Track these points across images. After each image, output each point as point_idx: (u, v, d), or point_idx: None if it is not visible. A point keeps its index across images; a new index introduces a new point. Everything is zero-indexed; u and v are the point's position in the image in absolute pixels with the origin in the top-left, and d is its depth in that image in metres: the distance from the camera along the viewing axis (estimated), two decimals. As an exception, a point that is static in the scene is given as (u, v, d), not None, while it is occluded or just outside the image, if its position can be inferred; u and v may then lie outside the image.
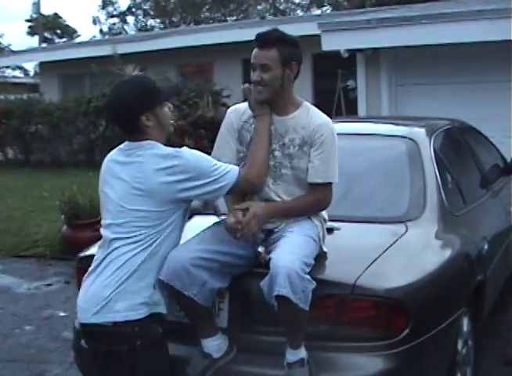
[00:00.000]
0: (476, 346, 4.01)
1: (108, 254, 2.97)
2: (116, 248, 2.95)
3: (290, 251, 2.93)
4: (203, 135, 8.92)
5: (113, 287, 2.89)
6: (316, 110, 3.29)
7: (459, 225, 3.95)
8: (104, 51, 14.98)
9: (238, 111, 3.38)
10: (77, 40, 42.24)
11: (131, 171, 2.95)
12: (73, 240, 7.79)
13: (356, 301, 3.01)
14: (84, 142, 17.18)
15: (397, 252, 3.31)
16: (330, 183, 3.23)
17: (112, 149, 3.14)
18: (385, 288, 3.00)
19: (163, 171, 2.90)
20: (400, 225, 3.59)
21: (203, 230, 3.23)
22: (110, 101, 3.08)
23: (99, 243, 3.14)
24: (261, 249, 3.11)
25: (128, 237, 2.93)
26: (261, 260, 3.06)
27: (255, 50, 3.14)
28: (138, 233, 2.92)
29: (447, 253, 3.60)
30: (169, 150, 2.95)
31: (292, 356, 2.98)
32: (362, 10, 17.37)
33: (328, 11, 33.95)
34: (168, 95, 3.20)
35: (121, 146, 3.09)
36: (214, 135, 3.38)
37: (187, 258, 2.95)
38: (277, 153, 3.21)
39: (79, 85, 18.73)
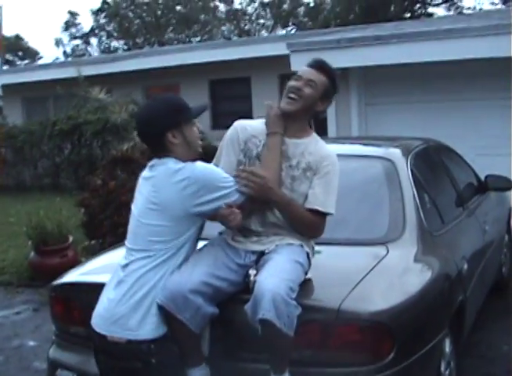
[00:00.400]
0: (458, 367, 4.01)
1: (124, 266, 3.02)
2: (131, 262, 3.00)
3: (276, 274, 2.90)
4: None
5: (126, 303, 2.93)
6: (323, 142, 3.39)
7: (438, 245, 3.96)
8: (69, 73, 14.84)
9: (245, 125, 3.41)
10: (40, 62, 41.94)
11: (148, 186, 3.03)
12: (41, 267, 7.70)
13: (341, 326, 2.99)
14: (49, 166, 17.01)
15: (379, 275, 3.30)
16: (326, 215, 3.25)
17: (76, 171, 3.24)
18: (370, 312, 2.98)
19: (175, 184, 2.94)
20: (381, 247, 3.59)
21: (199, 251, 3.19)
22: (139, 117, 3.20)
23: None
24: (252, 272, 3.09)
25: (143, 250, 2.97)
26: (250, 284, 3.03)
27: (307, 68, 3.31)
28: (153, 247, 2.95)
29: (429, 275, 3.60)
30: (182, 164, 2.98)
31: None
32: (329, 30, 17.54)
33: (293, 31, 34.23)
34: (197, 113, 3.20)
35: (150, 163, 3.14)
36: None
37: (186, 283, 2.92)
38: (282, 173, 3.22)
39: (43, 108, 18.57)
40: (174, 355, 2.99)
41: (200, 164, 3.02)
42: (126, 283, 2.96)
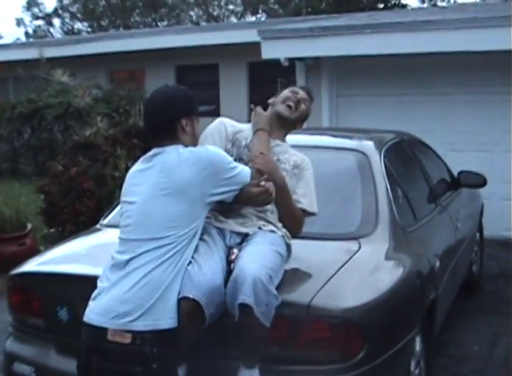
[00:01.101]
0: (427, 366, 4.02)
1: (129, 260, 2.90)
2: (140, 254, 2.89)
3: (258, 261, 2.89)
4: (136, 145, 8.77)
5: (133, 300, 2.82)
6: None
7: (411, 241, 3.95)
8: (30, 54, 14.59)
9: (231, 122, 3.63)
10: (0, 42, 41.34)
11: (153, 175, 2.99)
12: (-1, 255, 7.55)
13: (311, 322, 2.96)
14: (8, 151, 16.76)
15: (351, 270, 3.28)
16: (309, 214, 3.42)
17: (36, 157, 3.12)
18: (342, 308, 2.96)
19: (191, 167, 2.94)
20: (353, 242, 3.57)
21: (204, 242, 3.07)
22: (154, 101, 3.17)
23: (114, 256, 3.01)
24: (235, 250, 3.07)
25: (156, 239, 2.89)
26: (232, 264, 3.00)
27: (300, 89, 3.71)
28: (169, 233, 2.89)
29: (401, 271, 3.58)
30: (193, 148, 3.06)
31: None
32: (301, 18, 17.47)
33: (262, 18, 34.13)
34: (204, 111, 3.39)
35: (143, 156, 3.13)
36: (147, 146, 3.32)
37: (214, 278, 2.88)
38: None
39: (3, 90, 18.27)
40: (175, 360, 2.92)
41: (208, 146, 3.11)
42: (135, 277, 2.84)
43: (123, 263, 2.92)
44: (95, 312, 2.89)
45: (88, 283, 3.07)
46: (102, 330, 2.83)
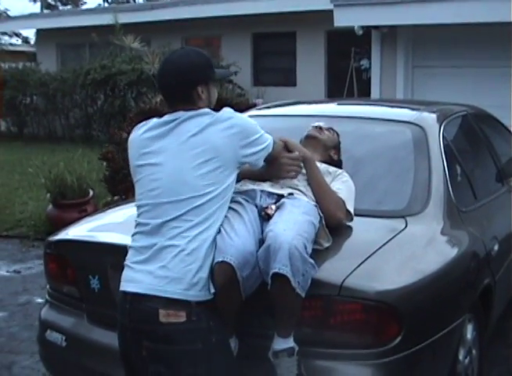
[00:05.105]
0: (482, 356, 3.87)
1: (161, 225, 2.86)
2: (172, 219, 2.85)
3: (294, 228, 2.82)
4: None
5: (176, 270, 2.78)
6: None
7: (466, 222, 3.79)
8: (106, 20, 14.77)
9: None
10: (83, 7, 41.99)
11: (180, 135, 2.92)
12: (59, 221, 7.62)
13: (343, 304, 2.86)
14: (82, 117, 17.10)
15: (392, 250, 3.15)
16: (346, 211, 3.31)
17: (109, 123, 3.09)
18: (375, 290, 2.85)
19: (224, 131, 2.92)
20: (399, 220, 3.44)
21: (231, 210, 3.02)
22: (172, 64, 3.08)
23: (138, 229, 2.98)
24: (273, 206, 3.04)
25: (190, 198, 2.85)
26: (265, 215, 3.00)
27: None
28: (205, 190, 2.86)
29: (449, 253, 3.44)
30: (219, 112, 3.01)
31: (280, 344, 2.86)
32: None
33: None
34: (220, 75, 3.42)
35: (156, 120, 3.04)
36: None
37: (246, 242, 2.83)
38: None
39: (79, 56, 18.61)
40: (227, 331, 2.90)
41: (232, 110, 3.07)
42: (177, 246, 2.80)
43: (157, 229, 2.87)
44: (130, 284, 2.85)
45: (120, 253, 3.06)
46: (152, 309, 2.77)
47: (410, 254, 3.24)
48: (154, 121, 3.05)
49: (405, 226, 3.38)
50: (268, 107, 5.10)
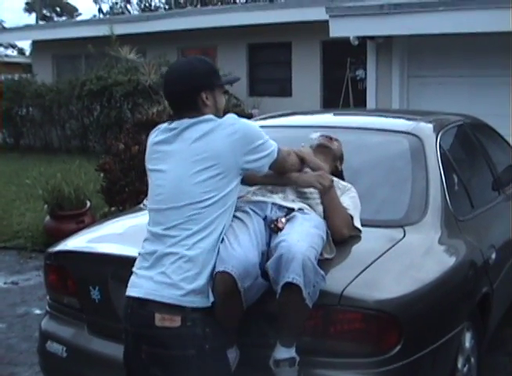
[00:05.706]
0: (481, 364, 3.88)
1: (165, 233, 2.90)
2: (174, 226, 2.88)
3: (306, 240, 2.86)
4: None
5: (177, 274, 2.81)
6: None
7: (463, 231, 3.81)
8: (101, 31, 14.77)
9: None
10: (78, 19, 42.02)
11: (185, 141, 2.96)
12: (57, 232, 7.67)
13: (343, 313, 2.89)
14: (78, 128, 17.11)
15: (391, 259, 3.18)
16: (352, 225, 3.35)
17: (105, 134, 3.11)
18: (375, 299, 2.87)
19: (228, 137, 2.94)
20: (397, 229, 3.46)
21: (237, 219, 3.06)
22: (175, 71, 3.14)
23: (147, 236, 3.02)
24: (283, 219, 3.07)
25: (191, 204, 2.88)
26: (275, 228, 3.03)
27: None
28: (206, 196, 2.89)
29: (448, 262, 3.46)
30: (223, 118, 3.03)
31: (282, 353, 2.88)
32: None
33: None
34: (227, 81, 3.35)
35: (165, 125, 3.08)
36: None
37: (249, 252, 2.85)
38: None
39: (74, 67, 18.65)
40: (224, 341, 2.91)
41: (237, 117, 3.08)
42: (175, 254, 2.84)
43: (158, 236, 2.91)
44: (139, 287, 2.88)
45: (120, 264, 3.08)
46: (149, 313, 2.80)
47: (409, 264, 3.26)
48: (163, 126, 3.10)
49: (404, 236, 3.41)
50: (265, 119, 5.13)
